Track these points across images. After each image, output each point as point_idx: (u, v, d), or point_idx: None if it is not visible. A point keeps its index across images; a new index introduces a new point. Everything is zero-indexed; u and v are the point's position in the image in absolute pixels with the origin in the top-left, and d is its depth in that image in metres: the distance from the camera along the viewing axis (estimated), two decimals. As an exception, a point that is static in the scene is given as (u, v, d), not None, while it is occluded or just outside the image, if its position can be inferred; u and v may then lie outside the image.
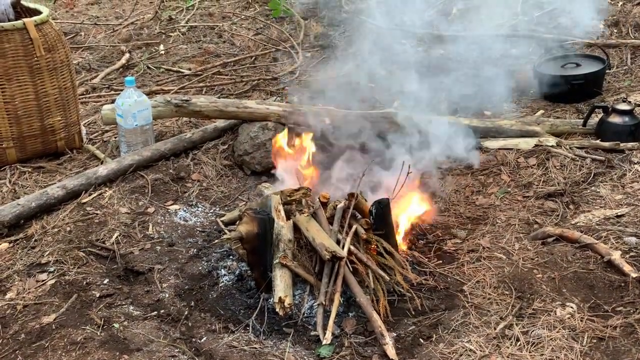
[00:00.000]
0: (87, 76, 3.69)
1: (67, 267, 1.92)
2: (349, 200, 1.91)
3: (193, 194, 2.38)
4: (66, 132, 2.64)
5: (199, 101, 2.70)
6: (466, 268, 1.94)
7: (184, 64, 3.90)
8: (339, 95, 3.01)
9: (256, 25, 4.51)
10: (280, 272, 1.72)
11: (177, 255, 2.02)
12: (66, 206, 2.23)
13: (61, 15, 5.00)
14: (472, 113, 2.95)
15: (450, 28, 4.11)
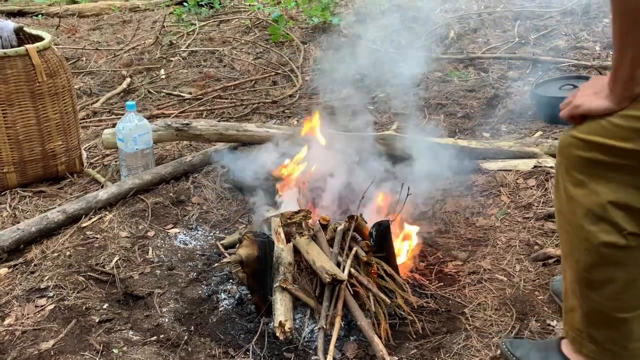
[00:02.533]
0: (88, 101, 3.73)
1: (67, 292, 1.91)
2: (349, 223, 1.91)
3: (193, 217, 2.38)
4: (67, 157, 2.66)
5: (200, 125, 2.72)
6: (467, 290, 1.93)
7: (184, 88, 3.94)
8: (338, 118, 3.03)
9: (256, 49, 4.56)
10: (281, 296, 1.71)
11: (176, 279, 2.02)
12: (66, 230, 2.23)
13: (63, 40, 5.06)
14: (470, 135, 2.97)
15: (447, 51, 4.17)
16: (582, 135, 1.20)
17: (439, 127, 3.07)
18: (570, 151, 1.22)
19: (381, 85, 3.62)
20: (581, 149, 1.20)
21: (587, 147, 1.19)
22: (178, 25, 5.23)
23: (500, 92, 3.43)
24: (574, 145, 1.22)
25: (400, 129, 2.95)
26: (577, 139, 1.21)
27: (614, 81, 1.14)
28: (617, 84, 1.14)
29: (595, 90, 1.20)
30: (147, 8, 6.25)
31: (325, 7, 5.06)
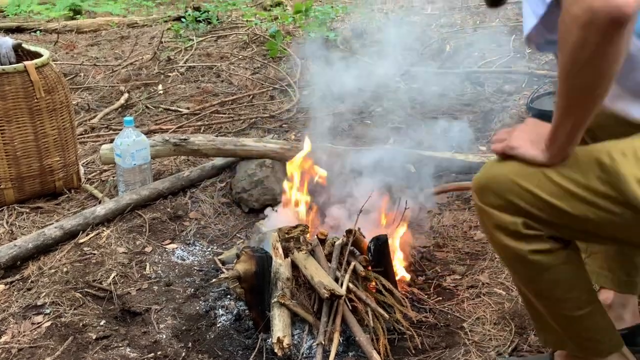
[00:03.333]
0: (86, 116, 3.73)
1: (64, 308, 1.90)
2: (347, 237, 1.91)
3: (190, 233, 2.38)
4: (64, 172, 2.66)
5: (197, 140, 2.73)
6: (466, 304, 1.92)
7: (182, 103, 3.95)
8: (335, 133, 3.05)
9: (254, 64, 4.59)
10: (279, 312, 1.70)
11: (174, 295, 2.01)
12: (63, 246, 2.23)
13: (61, 56, 5.09)
14: (467, 149, 2.99)
15: (443, 65, 4.20)
16: (513, 177, 1.18)
17: (436, 141, 3.08)
18: (499, 187, 1.20)
19: (378, 100, 3.64)
20: (509, 188, 1.18)
21: (517, 187, 1.17)
22: (176, 41, 5.26)
23: (497, 106, 3.45)
24: (504, 183, 1.19)
25: (397, 143, 2.96)
26: (509, 180, 1.19)
27: (551, 140, 1.13)
28: (553, 144, 1.13)
29: (531, 139, 1.18)
30: (145, 24, 6.29)
31: (322, 22, 5.10)
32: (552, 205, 1.14)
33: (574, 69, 1.00)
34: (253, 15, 6.09)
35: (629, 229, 1.13)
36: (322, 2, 6.85)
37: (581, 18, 0.93)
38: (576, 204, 1.13)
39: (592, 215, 1.12)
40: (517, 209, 1.17)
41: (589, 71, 0.99)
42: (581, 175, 1.13)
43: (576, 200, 1.13)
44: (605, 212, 1.11)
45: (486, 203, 1.21)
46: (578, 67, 0.99)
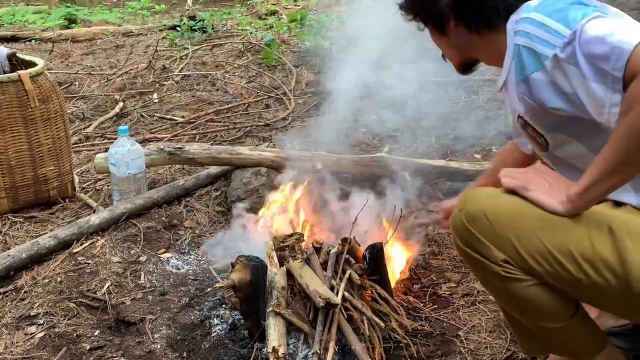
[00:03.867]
0: (81, 125, 3.73)
1: (57, 318, 1.89)
2: (342, 245, 1.91)
3: (185, 242, 2.37)
4: (59, 182, 2.65)
5: (192, 148, 2.72)
6: (461, 312, 1.92)
7: (177, 111, 3.95)
8: (331, 141, 3.05)
9: (249, 73, 4.60)
10: (274, 321, 1.70)
11: (169, 305, 2.00)
12: (57, 256, 2.22)
13: (56, 65, 5.09)
14: (462, 156, 3.00)
15: (438, 73, 4.21)
16: (517, 214, 1.17)
17: (431, 148, 3.09)
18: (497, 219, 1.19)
19: (373, 108, 3.64)
20: (509, 224, 1.17)
21: (519, 227, 1.17)
22: (171, 50, 5.27)
23: (490, 114, 3.46)
24: (506, 217, 1.18)
25: (392, 150, 2.96)
26: (512, 216, 1.18)
27: (579, 195, 1.12)
28: (581, 200, 1.12)
29: (551, 186, 1.17)
30: (140, 33, 6.30)
31: (317, 31, 5.13)
32: (553, 256, 1.13)
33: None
34: (248, 24, 6.11)
35: (610, 297, 1.13)
36: (317, 10, 6.88)
37: None
38: (577, 263, 1.12)
39: (583, 276, 1.12)
40: (507, 247, 1.16)
41: None
42: (592, 237, 1.12)
43: (579, 259, 1.12)
44: (600, 277, 1.11)
45: (477, 229, 1.19)
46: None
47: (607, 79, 1.02)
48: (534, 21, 1.13)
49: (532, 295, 1.18)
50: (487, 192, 1.24)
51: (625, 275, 1.09)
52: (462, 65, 1.44)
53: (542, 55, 1.11)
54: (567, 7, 1.11)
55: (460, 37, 1.35)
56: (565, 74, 1.09)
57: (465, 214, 1.21)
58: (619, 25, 1.03)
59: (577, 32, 1.05)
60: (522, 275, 1.17)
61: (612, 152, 1.05)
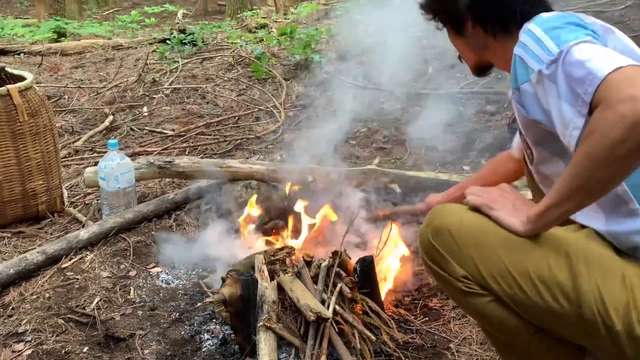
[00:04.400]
0: (70, 139, 3.71)
1: (45, 335, 1.86)
2: (333, 259, 1.91)
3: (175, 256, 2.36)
4: (48, 196, 2.63)
5: (182, 162, 2.72)
6: (452, 325, 1.92)
7: (167, 125, 3.95)
8: (321, 153, 3.06)
9: (239, 86, 4.61)
10: (265, 335, 1.69)
11: (159, 320, 1.98)
12: (46, 272, 2.19)
13: (45, 79, 5.07)
14: (451, 169, 3.02)
15: (426, 86, 4.25)
16: (480, 231, 1.20)
17: (420, 161, 3.11)
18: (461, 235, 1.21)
19: (362, 120, 3.67)
20: (473, 241, 1.20)
21: (482, 244, 1.20)
22: (161, 63, 5.28)
23: (479, 126, 3.50)
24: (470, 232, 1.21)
25: (381, 163, 2.98)
26: (475, 232, 1.21)
27: (538, 216, 1.14)
28: (540, 221, 1.14)
29: (514, 206, 1.20)
30: (130, 46, 6.30)
31: (307, 44, 5.16)
32: (511, 277, 1.16)
33: (604, 161, 1.00)
34: (238, 37, 6.14)
35: (564, 322, 1.15)
36: (307, 24, 6.93)
37: (629, 118, 0.95)
38: (534, 284, 1.14)
39: (539, 300, 1.14)
40: (468, 264, 1.18)
41: (618, 166, 1.01)
42: (549, 260, 1.14)
43: (535, 280, 1.14)
44: (554, 301, 1.13)
45: (441, 245, 1.21)
46: (609, 161, 1.00)
47: (578, 102, 1.04)
48: (533, 34, 1.16)
49: (493, 311, 1.20)
50: (453, 209, 1.27)
51: (578, 301, 1.11)
52: (478, 67, 1.48)
53: (529, 68, 1.14)
54: (564, 27, 1.14)
55: (477, 38, 1.39)
56: (544, 90, 1.12)
57: (431, 230, 1.24)
58: (602, 53, 1.05)
59: (563, 52, 1.07)
60: (481, 291, 1.19)
61: (570, 177, 1.07)
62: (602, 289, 1.10)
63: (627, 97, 0.96)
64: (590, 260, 1.13)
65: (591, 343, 1.17)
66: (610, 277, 1.12)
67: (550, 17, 1.22)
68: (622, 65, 1.00)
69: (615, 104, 0.97)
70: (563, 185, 1.09)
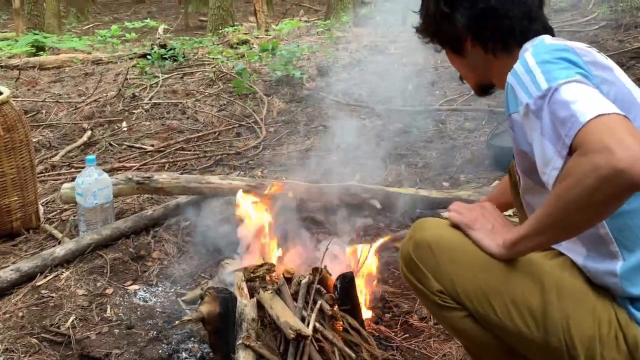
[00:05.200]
0: (47, 154, 3.66)
1: (18, 355, 1.81)
2: (313, 275, 1.90)
3: (153, 273, 2.33)
4: (23, 212, 2.58)
5: (161, 178, 2.70)
6: (432, 341, 1.92)
7: (146, 140, 3.92)
8: (301, 169, 3.06)
9: (220, 101, 4.61)
10: (244, 354, 1.67)
11: (135, 339, 1.95)
12: (19, 290, 2.15)
13: (23, 93, 5.01)
14: (431, 184, 3.04)
15: (406, 103, 4.30)
16: (458, 250, 1.22)
17: (400, 177, 3.13)
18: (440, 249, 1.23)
19: (343, 137, 3.68)
20: (451, 256, 1.22)
21: (458, 261, 1.21)
22: (141, 78, 5.26)
23: (458, 143, 3.54)
24: (447, 250, 1.23)
25: (362, 180, 2.99)
26: (454, 248, 1.23)
27: (511, 244, 1.15)
28: (513, 248, 1.16)
29: (493, 228, 1.22)
30: (110, 61, 6.27)
31: (288, 61, 5.19)
32: (485, 297, 1.17)
33: (575, 206, 1.01)
34: (219, 53, 6.15)
35: (533, 347, 1.16)
36: (288, 41, 6.98)
37: (602, 170, 0.95)
38: (506, 306, 1.16)
39: (509, 322, 1.16)
40: (445, 279, 1.20)
41: (589, 213, 1.02)
42: (523, 285, 1.16)
43: (508, 303, 1.16)
44: (524, 325, 1.15)
45: (419, 259, 1.22)
46: (580, 206, 1.01)
47: (559, 143, 1.03)
48: (526, 65, 1.15)
49: (466, 325, 1.21)
50: (434, 224, 1.28)
51: (546, 329, 1.13)
52: (479, 87, 1.46)
53: (519, 100, 1.14)
54: (557, 62, 1.12)
55: (477, 58, 1.37)
56: (529, 125, 1.11)
57: (412, 243, 1.25)
58: (589, 95, 1.03)
59: (551, 90, 1.06)
60: (456, 305, 1.21)
61: (542, 215, 1.08)
62: (570, 320, 1.12)
63: (603, 148, 0.95)
64: (562, 291, 1.15)
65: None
66: (581, 309, 1.13)
67: (550, 46, 1.19)
68: (605, 112, 0.99)
69: (591, 152, 0.97)
70: (537, 220, 1.10)
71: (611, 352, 1.11)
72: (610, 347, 1.11)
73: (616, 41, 5.10)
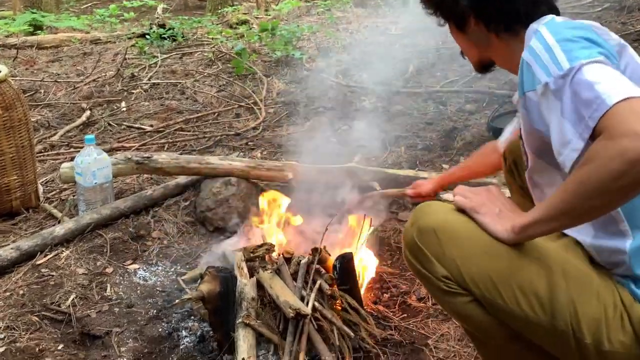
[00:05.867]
0: (46, 134, 3.65)
1: (19, 333, 1.83)
2: (313, 255, 1.91)
3: (153, 253, 2.34)
4: (22, 192, 2.58)
5: (161, 158, 2.69)
6: (430, 321, 1.94)
7: (146, 120, 3.90)
8: (301, 150, 3.06)
9: (219, 82, 4.58)
10: (244, 332, 1.68)
11: (136, 317, 1.96)
12: (20, 268, 2.15)
13: (21, 72, 4.97)
14: (430, 166, 3.04)
15: (407, 85, 4.28)
16: (465, 235, 1.19)
17: (400, 159, 3.12)
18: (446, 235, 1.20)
19: (343, 118, 3.67)
20: (457, 242, 1.19)
21: (465, 246, 1.19)
22: (140, 58, 5.21)
23: (458, 125, 3.52)
24: (454, 235, 1.20)
25: (362, 161, 2.98)
26: (461, 234, 1.20)
27: (522, 228, 1.14)
28: (523, 233, 1.14)
29: (501, 212, 1.19)
30: (108, 40, 6.21)
31: (288, 41, 5.14)
32: (491, 282, 1.16)
33: (597, 191, 0.99)
34: (219, 33, 6.09)
35: (539, 331, 1.16)
36: (288, 21, 6.91)
37: (630, 154, 0.93)
38: (513, 291, 1.15)
39: (516, 307, 1.15)
40: (451, 265, 1.18)
41: (610, 198, 1.00)
42: (530, 270, 1.15)
43: (515, 287, 1.15)
44: (531, 310, 1.14)
45: (425, 245, 1.20)
46: (602, 192, 0.99)
47: (581, 124, 1.01)
48: (545, 42, 1.12)
49: (471, 312, 1.20)
50: (439, 208, 1.26)
51: (553, 312, 1.13)
52: (480, 64, 1.44)
53: (536, 78, 1.11)
54: (578, 40, 1.09)
55: (480, 36, 1.34)
56: (547, 105, 1.08)
57: (416, 229, 1.22)
58: (614, 77, 1.01)
59: (573, 70, 1.04)
60: (462, 291, 1.19)
61: (560, 200, 1.07)
62: (577, 303, 1.12)
63: (631, 132, 0.93)
64: (568, 274, 1.14)
65: (559, 352, 1.18)
66: (586, 292, 1.13)
67: (564, 24, 1.16)
68: (632, 95, 0.96)
69: (618, 136, 0.94)
70: (552, 205, 1.08)
71: (617, 333, 1.11)
72: (616, 328, 1.11)
73: (619, 23, 5.06)
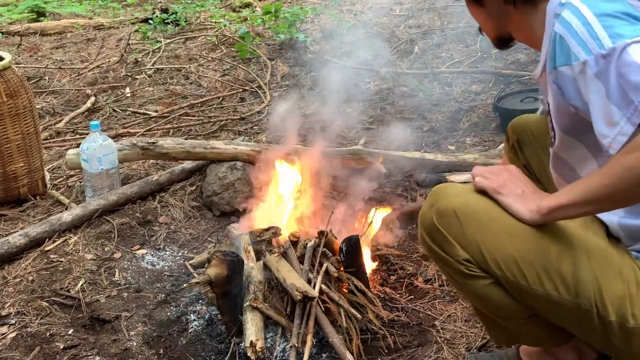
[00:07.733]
0: (51, 120, 3.65)
1: (30, 318, 1.85)
2: (319, 239, 1.91)
3: (160, 238, 2.35)
4: (29, 178, 2.59)
5: (166, 143, 2.69)
6: (437, 302, 1.94)
7: (150, 106, 3.89)
8: (306, 133, 3.05)
9: (223, 66, 4.55)
10: (251, 315, 1.69)
11: (144, 302, 1.98)
12: (29, 254, 2.17)
13: (25, 59, 4.96)
14: (436, 148, 3.02)
15: (412, 66, 4.24)
16: (487, 217, 1.17)
17: (406, 140, 3.10)
18: (467, 218, 1.17)
19: (348, 101, 3.65)
20: (479, 226, 1.17)
21: (489, 228, 1.17)
22: (143, 43, 5.19)
23: (464, 106, 3.50)
24: (475, 218, 1.18)
25: (368, 143, 2.97)
26: (482, 216, 1.18)
27: (550, 210, 1.11)
28: (550, 215, 1.12)
29: (523, 193, 1.17)
30: (112, 26, 6.18)
31: (292, 24, 5.09)
32: (515, 263, 1.14)
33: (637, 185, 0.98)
34: (222, 16, 6.04)
35: (562, 312, 1.15)
36: (292, 3, 6.84)
37: None
38: (536, 272, 1.13)
39: (539, 288, 1.13)
40: (472, 248, 1.16)
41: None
42: (553, 250, 1.13)
43: (538, 268, 1.13)
44: (555, 291, 1.13)
45: (445, 227, 1.18)
46: None
47: (629, 109, 0.97)
48: (581, 15, 1.05)
49: (491, 294, 1.19)
50: (458, 190, 1.23)
51: (577, 291, 1.12)
52: (499, 40, 1.38)
53: (573, 55, 1.05)
54: (618, 16, 1.03)
55: (497, 8, 1.27)
56: (586, 84, 1.04)
57: (435, 211, 1.19)
58: None
59: (617, 50, 0.98)
60: (483, 274, 1.18)
61: (600, 185, 1.04)
62: (601, 282, 1.11)
63: None
64: (591, 252, 1.13)
65: (581, 331, 1.18)
66: (609, 270, 1.12)
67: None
68: None
69: None
70: (589, 189, 1.06)
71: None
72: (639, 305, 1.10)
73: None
